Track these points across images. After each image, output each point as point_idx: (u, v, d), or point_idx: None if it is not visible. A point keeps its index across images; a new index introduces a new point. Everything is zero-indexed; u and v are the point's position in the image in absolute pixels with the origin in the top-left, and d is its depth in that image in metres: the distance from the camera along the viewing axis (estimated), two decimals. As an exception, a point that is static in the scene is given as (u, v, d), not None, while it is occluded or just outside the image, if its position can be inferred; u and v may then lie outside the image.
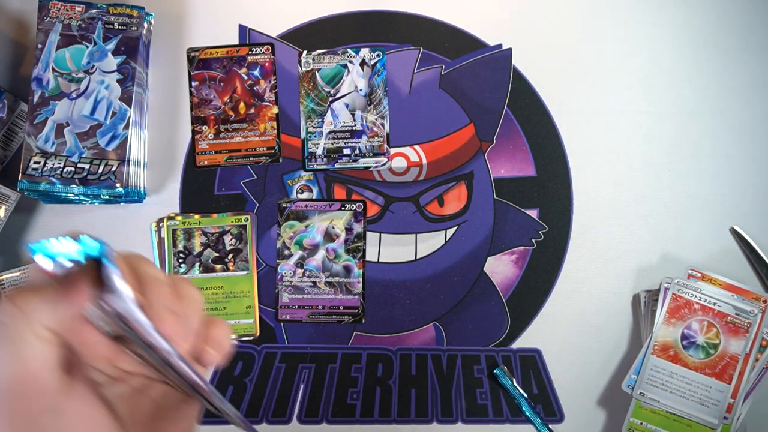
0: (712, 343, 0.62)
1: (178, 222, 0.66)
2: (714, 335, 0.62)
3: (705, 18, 0.72)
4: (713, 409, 0.61)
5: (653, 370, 0.62)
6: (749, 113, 0.71)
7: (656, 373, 0.62)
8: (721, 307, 0.63)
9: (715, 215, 0.69)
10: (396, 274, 0.68)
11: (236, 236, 0.67)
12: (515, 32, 0.71)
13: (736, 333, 0.62)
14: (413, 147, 0.69)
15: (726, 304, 0.63)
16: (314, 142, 0.68)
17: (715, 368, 0.62)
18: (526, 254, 0.68)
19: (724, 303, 0.63)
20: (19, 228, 0.66)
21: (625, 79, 0.71)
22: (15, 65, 0.68)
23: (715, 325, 0.62)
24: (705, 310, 0.63)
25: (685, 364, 0.62)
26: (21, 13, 0.69)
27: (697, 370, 0.62)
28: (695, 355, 0.62)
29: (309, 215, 0.68)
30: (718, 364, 0.62)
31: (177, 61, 0.69)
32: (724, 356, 0.62)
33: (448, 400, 0.66)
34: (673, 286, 0.64)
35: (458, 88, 0.70)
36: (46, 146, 0.62)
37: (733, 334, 0.62)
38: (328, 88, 0.69)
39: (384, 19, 0.71)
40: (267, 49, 0.69)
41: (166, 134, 0.68)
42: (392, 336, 0.67)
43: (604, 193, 0.69)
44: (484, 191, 0.69)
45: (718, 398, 0.61)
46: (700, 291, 0.63)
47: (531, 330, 0.67)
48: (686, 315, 0.63)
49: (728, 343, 0.62)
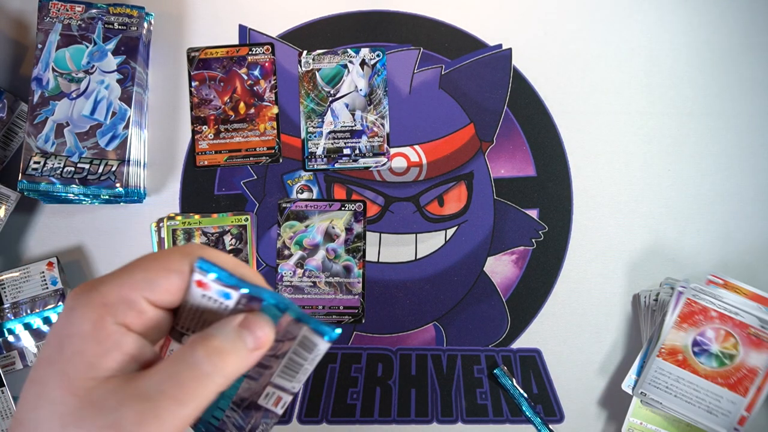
0: (728, 353, 0.60)
1: (178, 222, 0.66)
2: (732, 345, 0.60)
3: (705, 18, 0.72)
4: (722, 419, 0.59)
5: (658, 372, 0.61)
6: (749, 113, 0.71)
7: (661, 375, 0.61)
8: (743, 317, 0.60)
9: (715, 215, 0.69)
10: (396, 274, 0.68)
11: (236, 236, 0.67)
12: (515, 32, 0.71)
13: (759, 345, 0.59)
14: (413, 147, 0.69)
15: (749, 314, 0.60)
16: (314, 142, 0.68)
17: (728, 379, 0.59)
18: (526, 254, 0.68)
19: (748, 313, 0.60)
20: (19, 228, 0.66)
21: (625, 79, 0.71)
22: (15, 65, 0.68)
23: (734, 335, 0.60)
24: (723, 319, 0.60)
25: (694, 370, 0.60)
26: (21, 13, 0.69)
27: (707, 378, 0.60)
28: (707, 363, 0.60)
29: (309, 215, 0.68)
30: (734, 375, 0.59)
31: (177, 61, 0.69)
32: (741, 368, 0.59)
33: (448, 400, 0.66)
34: (689, 291, 0.62)
35: (458, 88, 0.70)
36: (46, 146, 0.62)
37: (755, 347, 0.59)
38: (328, 88, 0.69)
39: (384, 19, 0.71)
40: (267, 49, 0.69)
41: (166, 134, 0.69)
42: (392, 336, 0.67)
43: (604, 193, 0.69)
44: (484, 191, 0.69)
45: (729, 409, 0.59)
46: (720, 299, 0.61)
47: (531, 330, 0.67)
48: (701, 321, 0.61)
49: (748, 355, 0.59)
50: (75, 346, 0.28)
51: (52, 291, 0.63)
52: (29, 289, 0.63)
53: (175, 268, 0.30)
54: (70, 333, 0.28)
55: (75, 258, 0.66)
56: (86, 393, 0.27)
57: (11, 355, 0.63)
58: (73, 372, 0.28)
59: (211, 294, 0.30)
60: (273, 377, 0.33)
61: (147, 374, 0.28)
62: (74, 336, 0.28)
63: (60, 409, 0.27)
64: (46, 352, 0.28)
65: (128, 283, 0.29)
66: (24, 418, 0.28)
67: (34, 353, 0.63)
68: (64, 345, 0.28)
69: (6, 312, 0.62)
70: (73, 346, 0.28)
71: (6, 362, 0.63)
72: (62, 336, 0.28)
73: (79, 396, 0.27)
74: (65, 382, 0.27)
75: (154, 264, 0.30)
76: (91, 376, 0.28)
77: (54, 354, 0.28)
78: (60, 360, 0.28)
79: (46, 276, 0.63)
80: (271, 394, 0.33)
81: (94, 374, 0.28)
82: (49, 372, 0.28)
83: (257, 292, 0.30)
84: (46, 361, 0.28)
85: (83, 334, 0.28)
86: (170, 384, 0.28)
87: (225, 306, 0.31)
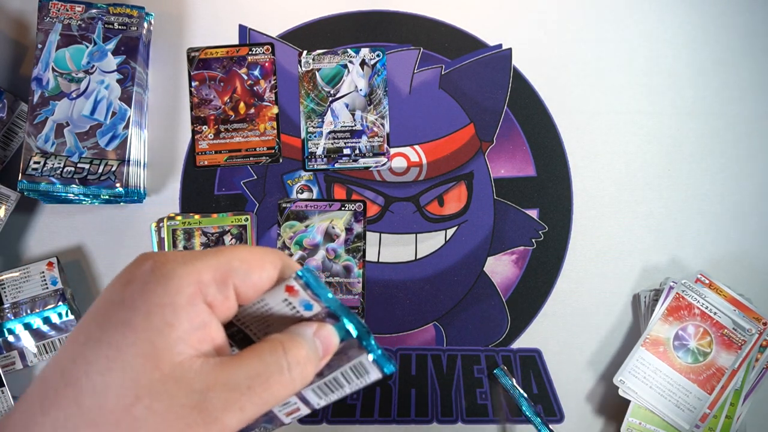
0: (702, 350, 0.62)
1: (178, 222, 0.66)
2: (707, 344, 0.62)
3: (705, 18, 0.72)
4: (688, 414, 0.61)
5: (639, 362, 0.62)
6: (749, 113, 0.71)
7: (641, 365, 0.62)
8: (720, 318, 0.62)
9: (715, 215, 0.69)
10: (396, 274, 0.68)
11: (236, 236, 0.67)
12: (515, 32, 0.71)
13: (729, 347, 0.62)
14: (413, 147, 0.69)
15: (726, 316, 0.62)
16: (314, 142, 0.68)
17: (699, 375, 0.62)
18: (526, 254, 0.68)
19: (725, 315, 0.62)
20: (19, 228, 0.66)
21: (625, 79, 0.71)
22: (15, 65, 0.68)
23: (710, 334, 0.62)
24: (704, 317, 0.63)
25: (671, 363, 0.62)
26: (21, 13, 0.69)
27: (681, 373, 0.62)
28: (683, 358, 0.62)
29: (309, 215, 0.68)
30: (704, 372, 0.62)
31: (177, 61, 0.69)
32: (711, 366, 0.62)
33: (448, 400, 0.66)
34: (678, 286, 0.64)
35: (458, 88, 0.70)
36: (46, 146, 0.62)
37: (726, 348, 0.62)
38: (328, 88, 0.69)
39: (384, 19, 0.71)
40: (267, 49, 0.69)
41: (166, 134, 0.69)
42: (392, 336, 0.67)
43: (604, 193, 0.69)
44: (484, 191, 0.69)
45: (695, 405, 0.61)
46: (704, 297, 0.63)
47: (531, 330, 0.67)
48: (684, 317, 0.63)
49: (719, 354, 0.62)
50: (167, 317, 0.27)
51: (52, 291, 0.63)
52: (29, 289, 0.63)
53: (270, 266, 0.30)
54: (162, 303, 0.27)
55: (75, 258, 0.66)
56: (171, 368, 0.26)
57: (11, 355, 0.63)
58: (161, 343, 0.26)
59: (293, 301, 0.31)
60: (304, 389, 0.32)
61: (235, 364, 0.28)
62: (166, 306, 0.27)
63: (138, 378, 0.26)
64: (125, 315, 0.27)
65: (225, 266, 0.29)
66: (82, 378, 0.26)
67: (33, 353, 0.63)
68: (153, 313, 0.27)
69: (6, 312, 0.62)
70: (164, 317, 0.27)
71: (6, 362, 0.63)
72: (152, 303, 0.27)
73: (161, 369, 0.26)
74: (150, 352, 0.26)
75: (250, 256, 0.30)
76: (178, 351, 0.27)
77: (139, 320, 0.26)
78: (147, 328, 0.26)
79: (46, 276, 0.63)
80: (291, 402, 0.33)
81: (182, 350, 0.27)
82: (130, 338, 0.26)
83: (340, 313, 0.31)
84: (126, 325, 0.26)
85: (176, 307, 0.27)
86: (258, 381, 0.28)
87: (300, 315, 0.31)
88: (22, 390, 0.63)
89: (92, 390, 0.25)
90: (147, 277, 0.28)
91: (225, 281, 0.29)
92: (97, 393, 0.25)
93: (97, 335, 0.27)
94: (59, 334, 0.63)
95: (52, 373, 0.27)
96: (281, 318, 0.31)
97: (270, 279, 0.31)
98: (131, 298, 0.27)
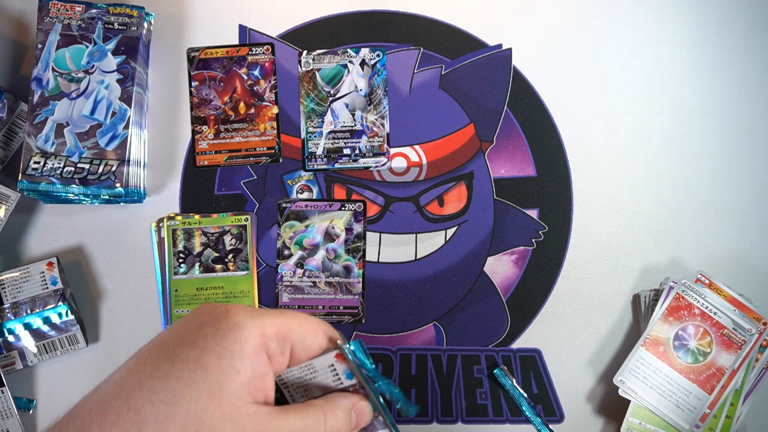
0: (702, 350, 0.62)
1: (178, 222, 0.66)
2: (707, 344, 0.62)
3: (705, 17, 0.72)
4: (688, 414, 0.61)
5: (639, 362, 0.62)
6: (749, 113, 0.71)
7: (641, 365, 0.62)
8: (720, 318, 0.62)
9: (715, 215, 0.69)
10: (396, 274, 0.68)
11: (236, 236, 0.67)
12: (515, 32, 0.71)
13: (729, 347, 0.62)
14: (413, 147, 0.69)
15: (726, 316, 0.62)
16: (314, 142, 0.68)
17: (699, 375, 0.61)
18: (526, 254, 0.68)
19: (725, 315, 0.62)
20: (19, 228, 0.66)
21: (625, 79, 0.71)
22: (15, 65, 0.68)
23: (710, 334, 0.62)
24: (704, 317, 0.62)
25: (671, 363, 0.62)
26: (21, 13, 0.69)
27: (681, 373, 0.62)
28: (683, 358, 0.62)
29: (309, 215, 0.68)
30: (704, 372, 0.61)
31: (177, 61, 0.69)
32: (712, 366, 0.61)
33: (448, 400, 0.66)
34: (679, 286, 0.63)
35: (458, 88, 0.70)
36: (46, 146, 0.62)
37: (726, 348, 0.62)
38: (328, 88, 0.69)
39: (384, 19, 0.71)
40: (267, 49, 0.69)
41: (166, 134, 0.69)
42: (392, 336, 0.67)
43: (604, 193, 0.69)
44: (484, 191, 0.69)
45: (695, 405, 0.61)
46: (704, 297, 0.63)
47: (531, 330, 0.67)
48: (684, 317, 0.63)
49: (719, 354, 0.62)
50: (235, 363, 0.29)
51: (52, 291, 0.63)
52: (29, 289, 0.63)
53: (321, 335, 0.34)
54: (232, 349, 0.29)
55: (75, 258, 0.66)
56: (231, 410, 0.28)
57: (11, 355, 0.63)
58: (227, 385, 0.29)
59: (338, 368, 0.34)
60: None
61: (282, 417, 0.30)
62: (236, 353, 0.29)
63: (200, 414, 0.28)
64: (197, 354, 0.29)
65: (287, 326, 0.32)
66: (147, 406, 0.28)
67: (33, 353, 0.63)
68: (224, 357, 0.29)
69: (6, 312, 0.62)
70: (233, 362, 0.29)
71: (6, 362, 0.63)
72: (223, 348, 0.29)
73: (222, 409, 0.28)
74: (216, 391, 0.28)
75: (307, 322, 0.33)
76: (238, 395, 0.29)
77: (210, 360, 0.29)
78: (217, 369, 0.29)
79: (46, 276, 0.63)
80: None
81: (242, 395, 0.29)
82: (200, 375, 0.28)
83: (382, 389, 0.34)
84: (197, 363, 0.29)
85: (244, 355, 0.30)
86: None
87: (339, 382, 0.34)
88: (22, 390, 0.63)
89: (155, 418, 0.27)
90: (220, 323, 0.30)
91: (285, 339, 0.32)
92: (160, 422, 0.27)
93: (166, 368, 0.29)
94: (59, 334, 0.63)
95: (113, 397, 0.28)
96: (320, 385, 0.34)
97: (320, 346, 0.34)
98: (204, 339, 0.30)
